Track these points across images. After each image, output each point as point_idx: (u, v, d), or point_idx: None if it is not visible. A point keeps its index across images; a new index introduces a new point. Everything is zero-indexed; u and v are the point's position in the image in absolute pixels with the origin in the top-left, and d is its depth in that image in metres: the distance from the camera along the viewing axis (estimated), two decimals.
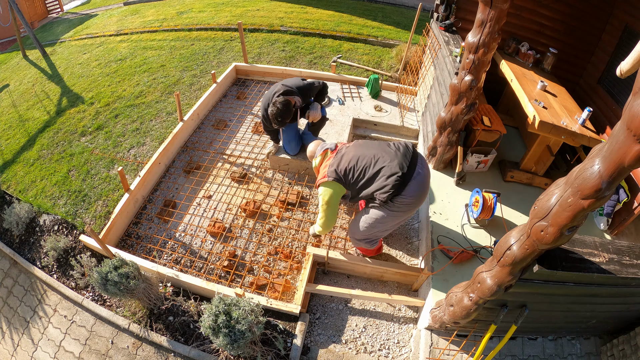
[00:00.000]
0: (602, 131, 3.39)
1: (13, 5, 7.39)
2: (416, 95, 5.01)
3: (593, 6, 3.57)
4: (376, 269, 3.06)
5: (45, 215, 3.79)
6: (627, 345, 2.62)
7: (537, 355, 2.73)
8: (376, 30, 7.14)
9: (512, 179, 3.61)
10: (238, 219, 3.60)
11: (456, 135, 3.43)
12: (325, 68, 5.89)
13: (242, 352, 2.53)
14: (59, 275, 3.39)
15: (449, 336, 2.65)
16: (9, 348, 3.21)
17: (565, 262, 1.79)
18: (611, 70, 3.52)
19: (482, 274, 2.01)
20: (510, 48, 3.89)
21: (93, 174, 4.15)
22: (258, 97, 5.31)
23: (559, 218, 1.44)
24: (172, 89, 5.52)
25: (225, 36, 7.18)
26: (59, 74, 6.60)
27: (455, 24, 4.17)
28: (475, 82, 2.99)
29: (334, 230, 3.51)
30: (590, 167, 1.29)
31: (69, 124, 5.03)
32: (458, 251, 2.93)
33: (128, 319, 2.99)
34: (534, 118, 2.92)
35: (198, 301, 2.94)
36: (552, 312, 2.43)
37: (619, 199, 3.04)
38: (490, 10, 2.64)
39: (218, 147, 4.43)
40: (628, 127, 1.12)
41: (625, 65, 1.63)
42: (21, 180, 4.25)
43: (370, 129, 4.65)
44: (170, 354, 2.79)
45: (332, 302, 3.05)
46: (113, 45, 7.43)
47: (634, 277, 1.82)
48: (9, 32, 10.58)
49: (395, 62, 5.96)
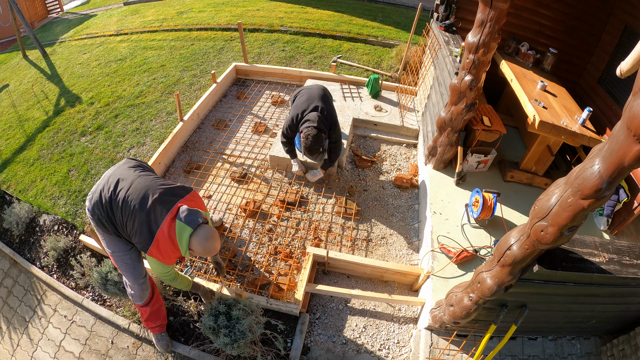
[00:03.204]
0: (602, 131, 3.39)
1: (13, 5, 7.39)
2: (416, 95, 5.01)
3: (593, 6, 3.57)
4: (376, 269, 3.06)
5: (45, 215, 3.79)
6: (627, 345, 2.62)
7: (537, 355, 2.73)
8: (376, 30, 7.14)
9: (512, 179, 3.61)
10: (238, 219, 3.60)
11: (456, 135, 3.43)
12: (325, 68, 5.89)
13: (242, 352, 2.53)
14: (59, 275, 3.39)
15: (449, 336, 2.65)
16: (8, 348, 3.21)
17: (565, 262, 1.79)
18: (611, 70, 3.52)
19: (482, 274, 2.01)
20: (510, 48, 3.89)
21: (93, 174, 4.15)
22: (258, 97, 5.31)
23: (559, 218, 1.44)
24: (172, 89, 5.52)
25: (225, 36, 7.17)
26: (59, 74, 6.60)
27: (455, 24, 4.17)
28: (475, 82, 2.99)
29: (334, 229, 3.52)
30: (590, 167, 1.29)
31: (69, 123, 5.03)
32: (458, 251, 2.94)
33: (128, 319, 2.99)
34: (534, 118, 2.92)
35: (198, 301, 2.94)
36: (552, 312, 2.43)
37: (619, 199, 3.04)
38: (490, 10, 2.64)
39: (218, 147, 4.43)
40: (628, 127, 1.12)
41: (625, 65, 1.63)
42: (21, 180, 4.25)
43: (370, 128, 4.65)
44: (170, 354, 2.79)
45: (332, 302, 3.05)
46: (113, 45, 7.43)
47: (634, 277, 1.82)
48: (9, 32, 10.57)
49: (395, 62, 5.96)
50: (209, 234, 1.99)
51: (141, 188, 1.99)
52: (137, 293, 2.41)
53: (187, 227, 1.95)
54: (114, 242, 2.20)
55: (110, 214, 2.03)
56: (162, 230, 1.91)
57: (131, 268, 2.29)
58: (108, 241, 2.22)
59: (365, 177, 4.06)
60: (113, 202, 2.00)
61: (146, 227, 1.91)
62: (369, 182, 4.00)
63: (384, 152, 4.40)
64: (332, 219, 3.63)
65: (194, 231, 1.97)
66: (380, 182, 4.01)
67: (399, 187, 3.94)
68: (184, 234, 1.95)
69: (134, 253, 2.29)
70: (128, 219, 1.95)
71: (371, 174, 4.10)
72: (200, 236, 1.97)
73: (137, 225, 1.93)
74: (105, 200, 2.02)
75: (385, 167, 4.19)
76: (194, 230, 1.96)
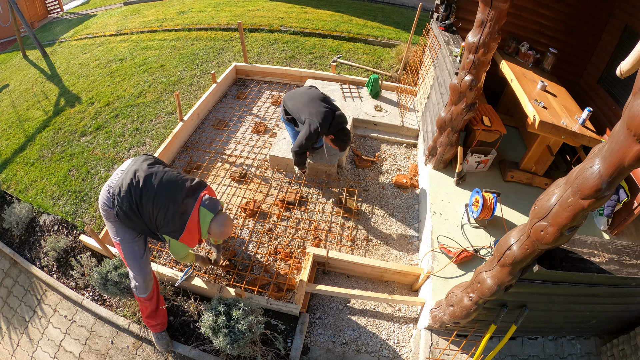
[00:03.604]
0: (602, 131, 3.39)
1: (13, 5, 7.39)
2: (416, 95, 5.01)
3: (593, 6, 3.57)
4: (376, 269, 3.06)
5: (45, 215, 3.79)
6: (627, 345, 2.62)
7: (537, 355, 2.73)
8: (376, 30, 7.14)
9: (512, 179, 3.61)
10: (238, 218, 3.60)
11: (456, 135, 3.43)
12: (325, 68, 5.89)
13: (242, 352, 2.53)
14: (59, 275, 3.39)
15: (449, 336, 2.65)
16: (8, 348, 3.21)
17: (565, 262, 1.79)
18: (611, 70, 3.52)
19: (482, 274, 2.01)
20: (510, 48, 3.89)
21: (93, 174, 4.15)
22: (258, 97, 5.31)
23: (559, 218, 1.44)
24: (172, 89, 5.52)
25: (225, 36, 7.17)
26: (59, 74, 6.60)
27: (455, 24, 4.17)
28: (475, 82, 2.99)
29: (333, 229, 3.52)
30: (590, 167, 1.29)
31: (69, 123, 5.03)
32: (458, 251, 2.94)
33: (128, 319, 2.99)
34: (534, 118, 2.92)
35: (198, 301, 2.94)
36: (552, 312, 2.43)
37: (619, 199, 3.04)
38: (490, 10, 2.64)
39: (218, 147, 4.43)
40: (628, 127, 1.12)
41: (625, 65, 1.63)
42: (21, 180, 4.25)
43: (370, 128, 4.65)
44: (170, 353, 2.79)
45: (332, 302, 3.05)
46: (113, 45, 7.43)
47: (634, 277, 1.82)
48: (9, 32, 10.57)
49: (395, 62, 5.96)
50: (227, 221, 2.36)
51: (170, 183, 2.25)
52: (142, 285, 2.48)
53: (209, 213, 2.28)
54: (123, 230, 2.35)
55: (140, 207, 2.22)
56: (193, 219, 2.23)
57: (138, 257, 2.41)
58: (117, 229, 2.35)
59: (365, 177, 4.06)
60: (144, 196, 2.19)
61: (178, 217, 2.20)
62: (369, 182, 4.00)
63: (384, 152, 4.40)
64: (332, 218, 3.63)
65: (215, 217, 2.30)
66: (380, 182, 4.01)
67: (399, 187, 3.94)
68: (206, 219, 2.28)
69: (141, 241, 2.43)
70: (159, 210, 2.19)
71: (371, 174, 4.10)
72: (219, 222, 2.32)
73: (170, 216, 2.19)
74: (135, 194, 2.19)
75: (385, 167, 4.20)
76: (214, 216, 2.29)
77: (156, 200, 2.19)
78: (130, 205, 2.20)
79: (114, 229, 2.36)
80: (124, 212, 2.21)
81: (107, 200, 2.28)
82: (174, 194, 2.21)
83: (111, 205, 2.26)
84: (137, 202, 2.20)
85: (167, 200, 2.19)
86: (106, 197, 2.28)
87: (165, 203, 2.19)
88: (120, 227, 2.34)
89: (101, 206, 2.32)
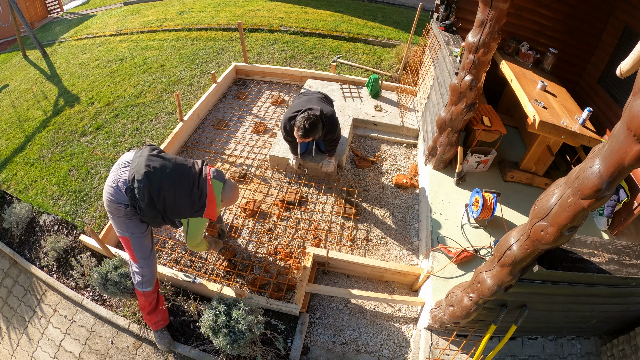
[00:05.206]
0: (602, 131, 3.39)
1: (13, 5, 7.39)
2: (416, 95, 5.01)
3: (593, 6, 3.57)
4: (376, 269, 3.06)
5: (45, 215, 3.79)
6: (627, 345, 2.62)
7: (537, 355, 2.73)
8: (376, 30, 7.13)
9: (512, 179, 3.61)
10: (238, 218, 3.60)
11: (456, 135, 3.43)
12: (325, 68, 5.89)
13: (242, 352, 2.53)
14: (59, 275, 3.39)
15: (449, 336, 2.65)
16: (8, 348, 3.21)
17: (565, 262, 1.79)
18: (611, 70, 3.52)
19: (482, 274, 2.01)
20: (510, 48, 3.89)
21: (93, 174, 4.15)
22: (258, 97, 5.31)
23: (559, 218, 1.44)
24: (172, 89, 5.52)
25: (225, 36, 7.17)
26: (59, 74, 6.60)
27: (455, 24, 4.17)
28: (475, 82, 2.99)
29: (333, 228, 3.52)
30: (590, 167, 1.29)
31: (69, 123, 5.03)
32: (458, 251, 2.94)
33: (128, 319, 2.99)
34: (534, 118, 2.92)
35: (198, 301, 2.93)
36: (552, 312, 2.43)
37: (619, 199, 3.04)
38: (490, 10, 2.64)
39: (218, 147, 4.43)
40: (628, 127, 1.12)
41: (625, 65, 1.63)
42: (21, 180, 4.25)
43: (370, 128, 4.65)
44: (170, 353, 2.79)
45: (332, 302, 3.05)
46: (113, 45, 7.42)
47: (634, 277, 1.82)
48: (9, 32, 10.57)
49: (395, 62, 5.96)
50: (234, 185, 2.61)
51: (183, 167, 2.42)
52: (148, 277, 2.52)
53: (219, 183, 2.49)
54: (134, 224, 2.38)
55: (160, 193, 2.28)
56: (210, 192, 2.41)
57: (148, 250, 2.49)
58: (128, 224, 2.37)
59: (365, 177, 4.06)
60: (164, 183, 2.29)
61: (197, 197, 2.37)
62: (369, 182, 4.00)
63: (384, 152, 4.40)
64: (331, 218, 3.63)
65: (224, 185, 2.52)
66: (380, 182, 4.01)
67: (399, 187, 3.94)
68: (219, 189, 2.48)
69: (149, 235, 2.53)
70: (178, 195, 2.33)
71: (371, 174, 4.10)
72: (228, 187, 2.55)
73: (191, 198, 2.35)
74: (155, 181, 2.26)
75: (385, 167, 4.19)
76: (224, 185, 2.52)
77: (178, 185, 2.32)
78: (150, 194, 2.24)
79: (124, 224, 2.35)
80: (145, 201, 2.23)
81: (115, 195, 2.24)
82: (189, 176, 2.38)
83: (123, 199, 2.24)
84: (159, 190, 2.26)
85: (187, 182, 2.35)
86: (115, 192, 2.24)
87: (186, 185, 2.34)
88: (130, 221, 2.35)
89: (108, 202, 2.28)
